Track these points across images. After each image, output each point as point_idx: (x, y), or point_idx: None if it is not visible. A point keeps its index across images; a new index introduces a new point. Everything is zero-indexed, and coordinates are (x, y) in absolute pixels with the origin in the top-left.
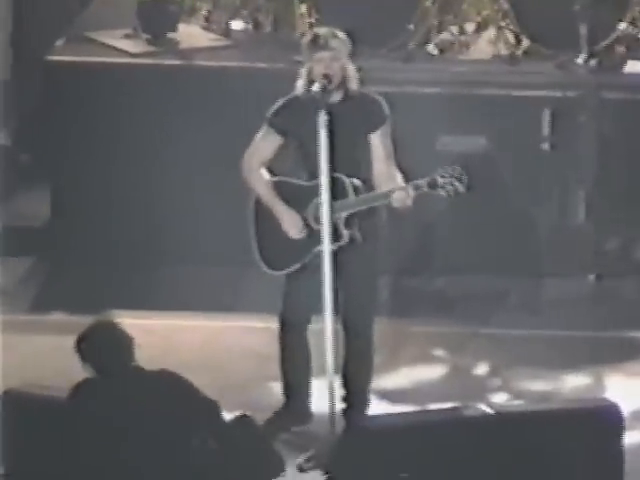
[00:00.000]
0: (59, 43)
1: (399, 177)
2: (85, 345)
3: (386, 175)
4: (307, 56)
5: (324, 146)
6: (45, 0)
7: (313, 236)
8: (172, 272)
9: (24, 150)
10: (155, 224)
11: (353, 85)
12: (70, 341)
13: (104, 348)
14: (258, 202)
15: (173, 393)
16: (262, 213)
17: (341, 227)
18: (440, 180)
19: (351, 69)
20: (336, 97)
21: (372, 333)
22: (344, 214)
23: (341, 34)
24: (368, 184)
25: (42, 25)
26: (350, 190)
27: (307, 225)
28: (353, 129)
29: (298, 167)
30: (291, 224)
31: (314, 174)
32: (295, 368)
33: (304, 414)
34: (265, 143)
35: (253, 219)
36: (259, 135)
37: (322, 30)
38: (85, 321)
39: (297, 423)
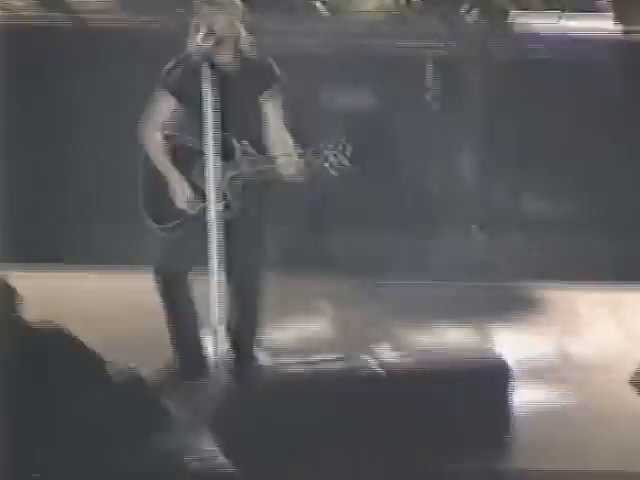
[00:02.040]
0: None
1: (290, 142)
2: None
3: (276, 140)
4: (196, 12)
5: (209, 101)
6: None
7: (197, 193)
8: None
9: None
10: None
11: (244, 47)
12: None
13: None
14: (147, 159)
15: (58, 346)
16: (151, 168)
17: (225, 188)
18: (325, 151)
19: (242, 30)
20: (226, 58)
21: (260, 287)
22: (229, 175)
23: None
24: (260, 147)
25: None
26: (238, 151)
27: (196, 193)
28: (244, 91)
29: (193, 128)
30: (179, 195)
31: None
32: (179, 321)
33: (196, 368)
34: (159, 105)
35: (142, 172)
36: (153, 97)
37: None
38: None
39: (189, 377)
